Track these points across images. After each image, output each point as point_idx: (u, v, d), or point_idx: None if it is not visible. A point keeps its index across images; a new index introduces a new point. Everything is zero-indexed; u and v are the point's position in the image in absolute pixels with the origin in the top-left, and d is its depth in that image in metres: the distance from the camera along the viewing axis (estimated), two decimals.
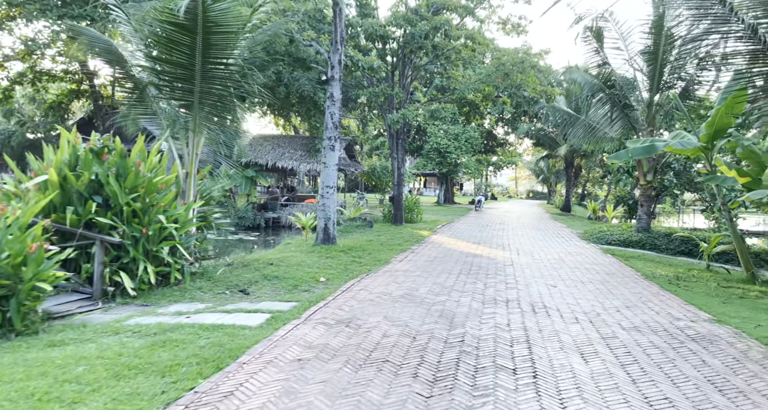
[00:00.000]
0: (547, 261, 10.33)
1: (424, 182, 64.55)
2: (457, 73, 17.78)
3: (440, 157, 32.03)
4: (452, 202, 37.96)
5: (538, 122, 34.45)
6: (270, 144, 23.90)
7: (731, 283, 8.83)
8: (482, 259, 10.33)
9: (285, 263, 9.21)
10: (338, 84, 11.45)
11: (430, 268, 9.00)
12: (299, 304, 6.21)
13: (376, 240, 13.01)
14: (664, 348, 4.69)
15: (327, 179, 11.59)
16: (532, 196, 67.59)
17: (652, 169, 14.10)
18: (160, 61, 7.18)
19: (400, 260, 10.00)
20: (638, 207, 14.78)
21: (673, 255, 12.87)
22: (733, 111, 8.68)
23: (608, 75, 13.98)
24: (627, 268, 9.71)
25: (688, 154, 9.49)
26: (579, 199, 43.21)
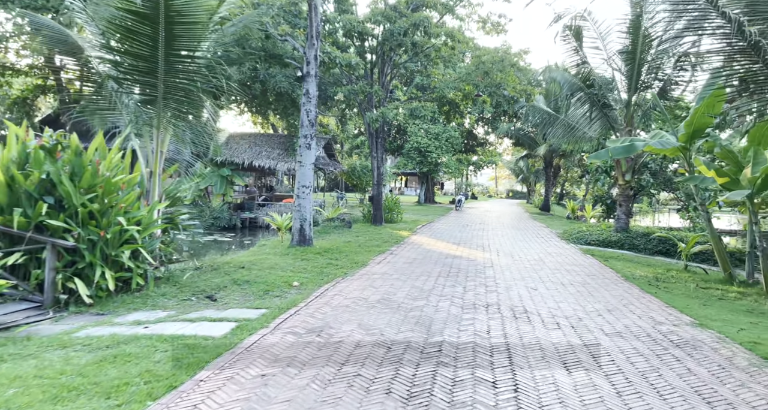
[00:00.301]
0: (527, 262, 10.17)
1: (405, 181, 64.45)
2: (437, 71, 17.58)
3: (421, 156, 31.87)
4: (433, 201, 37.87)
5: (517, 122, 34.60)
6: (247, 142, 23.33)
7: (710, 284, 8.80)
8: (462, 261, 10.12)
9: (257, 266, 8.82)
10: (314, 80, 11.09)
11: (408, 271, 8.73)
12: (269, 312, 5.86)
13: (355, 241, 12.70)
14: (648, 356, 4.50)
15: (303, 178, 11.22)
16: (511, 196, 68.16)
17: (631, 169, 14.13)
18: (120, 53, 6.72)
19: (378, 262, 9.71)
20: (617, 207, 14.80)
21: (651, 255, 12.90)
22: (711, 111, 8.65)
23: (587, 74, 13.94)
24: (607, 269, 9.61)
25: (667, 153, 9.44)
26: (558, 198, 43.65)
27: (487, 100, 17.17)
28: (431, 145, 31.35)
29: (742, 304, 7.15)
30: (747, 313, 6.54)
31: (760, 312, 6.69)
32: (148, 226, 6.95)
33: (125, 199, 6.73)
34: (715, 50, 6.72)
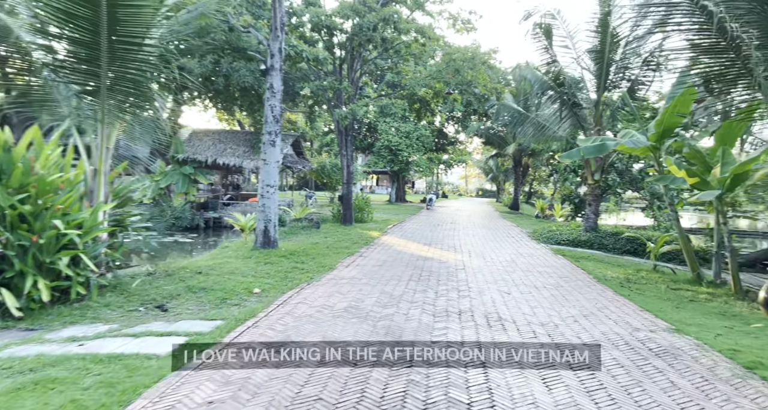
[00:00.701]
0: (499, 263, 9.95)
1: (377, 180, 64.06)
2: (407, 68, 17.25)
3: (391, 154, 31.54)
4: (404, 200, 37.64)
5: (487, 121, 34.75)
6: (211, 139, 22.42)
7: (679, 284, 8.78)
8: (433, 263, 9.81)
9: (216, 271, 8.25)
10: (279, 74, 10.55)
11: (378, 275, 8.35)
12: (224, 323, 5.36)
13: (323, 242, 12.22)
14: (628, 367, 4.26)
15: (267, 177, 10.67)
16: (481, 194, 68.81)
17: (600, 168, 14.17)
18: (56, 38, 6.05)
19: (347, 265, 9.28)
20: (586, 207, 14.85)
21: (620, 255, 12.95)
22: (680, 110, 8.62)
23: (558, 73, 13.90)
24: (579, 271, 9.49)
25: (638, 153, 9.39)
26: (526, 197, 44.18)
27: (457, 98, 16.97)
28: (402, 144, 31.07)
29: (713, 306, 7.09)
30: (720, 316, 6.46)
31: (732, 314, 6.63)
32: (90, 229, 6.31)
33: (63, 200, 6.07)
34: (686, 47, 6.61)
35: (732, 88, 6.54)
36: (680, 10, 6.14)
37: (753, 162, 7.66)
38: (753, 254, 13.40)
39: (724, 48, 5.98)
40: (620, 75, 13.74)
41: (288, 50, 12.57)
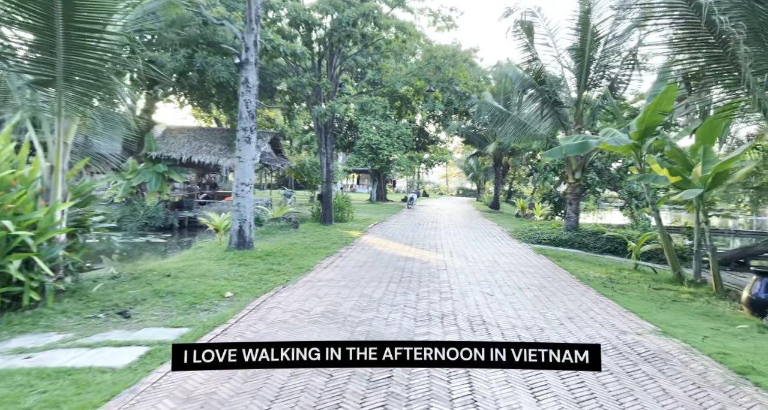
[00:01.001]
0: (481, 263, 9.77)
1: (357, 179, 63.68)
2: (388, 65, 16.97)
3: (372, 153, 31.23)
4: (385, 199, 37.39)
5: (468, 120, 34.77)
6: (186, 136, 21.75)
7: (661, 284, 8.73)
8: (415, 263, 9.56)
9: (187, 273, 7.83)
10: (254, 68, 10.14)
11: (357, 276, 8.05)
12: (191, 331, 5.00)
13: (301, 242, 11.85)
14: (618, 374, 4.07)
15: (242, 175, 10.26)
16: (462, 193, 69.10)
17: (580, 167, 14.15)
18: (4, 23, 5.57)
19: (325, 267, 8.95)
20: (566, 206, 14.82)
21: (600, 254, 12.94)
22: (662, 108, 8.55)
23: (539, 71, 13.80)
24: (561, 270, 9.37)
25: (620, 151, 9.31)
26: (506, 196, 44.43)
27: (438, 96, 16.78)
28: (383, 142, 30.78)
29: (696, 307, 7.01)
30: (704, 317, 6.37)
31: (716, 315, 6.55)
32: (45, 230, 5.85)
33: (15, 199, 5.61)
34: (669, 41, 6.49)
35: (716, 84, 6.45)
36: (666, 2, 6.01)
37: (734, 161, 7.63)
38: (728, 253, 13.55)
39: (711, 43, 5.88)
40: (600, 73, 13.73)
41: (264, 44, 12.16)
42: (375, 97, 15.43)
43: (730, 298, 7.76)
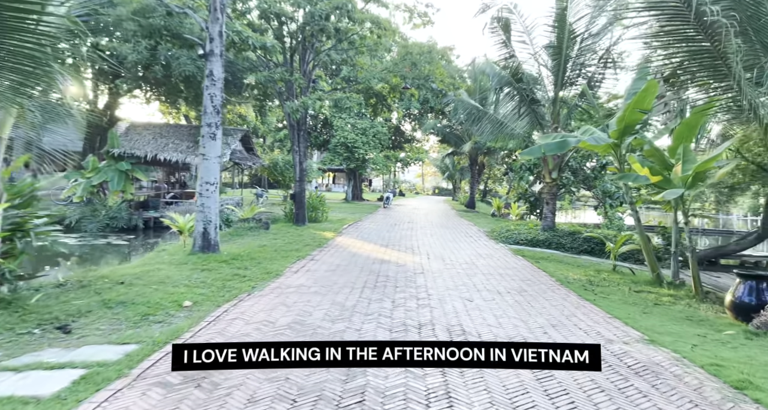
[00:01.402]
0: (459, 266, 9.43)
1: (333, 178, 62.99)
2: (362, 61, 16.51)
3: (348, 151, 30.71)
4: (361, 198, 36.92)
5: (444, 119, 34.62)
6: (151, 133, 20.77)
7: (640, 286, 8.56)
8: (390, 267, 9.15)
9: (143, 280, 7.21)
10: (219, 60, 9.54)
11: (330, 282, 7.58)
12: (138, 349, 4.45)
13: (271, 245, 11.29)
14: (609, 390, 3.75)
15: (207, 174, 9.65)
16: (437, 193, 69.18)
17: (557, 166, 14.00)
18: None
19: (296, 271, 8.45)
20: (543, 205, 14.68)
21: (577, 254, 12.81)
22: (641, 106, 8.38)
23: (516, 68, 13.58)
24: (540, 273, 9.11)
25: (599, 150, 9.12)
26: (481, 195, 44.57)
27: (415, 94, 16.43)
28: (358, 141, 30.30)
29: (679, 311, 6.82)
30: (688, 322, 6.16)
31: (700, 319, 6.36)
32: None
33: None
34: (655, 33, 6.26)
35: (702, 79, 6.24)
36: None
37: (714, 159, 7.50)
38: (701, 252, 13.63)
39: (697, 36, 5.67)
40: (577, 72, 13.61)
41: (231, 36, 11.53)
42: (349, 93, 14.94)
43: (710, 301, 7.63)
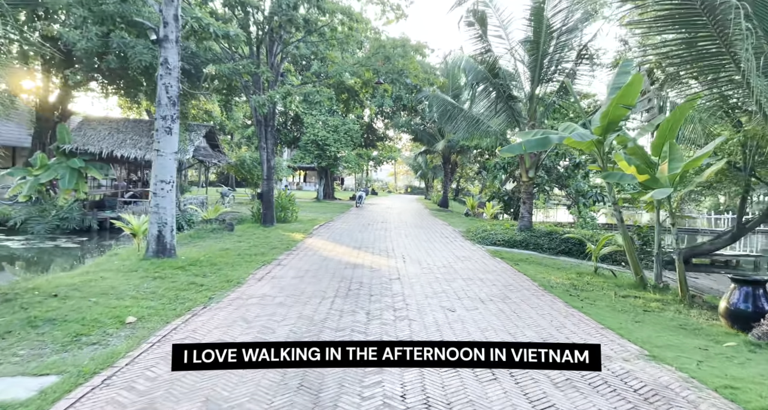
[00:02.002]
0: (437, 270, 8.88)
1: (305, 176, 61.82)
2: (333, 55, 15.77)
3: (319, 149, 29.89)
4: (333, 197, 36.12)
5: (417, 117, 34.19)
6: (107, 128, 19.42)
7: (625, 290, 8.21)
8: (364, 272, 8.51)
9: (82, 292, 6.34)
10: (175, 47, 8.67)
11: (297, 290, 6.88)
12: (59, 381, 3.67)
13: (234, 248, 10.48)
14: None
15: (162, 171, 8.78)
16: (410, 191, 68.93)
17: (534, 165, 13.67)
18: None
19: (260, 278, 7.70)
20: (521, 205, 14.34)
21: (556, 255, 12.49)
22: (625, 101, 8.02)
23: (493, 63, 13.14)
24: (521, 276, 8.65)
25: (582, 147, 8.74)
26: (454, 194, 44.44)
27: (388, 89, 15.81)
28: (330, 138, 29.52)
29: (670, 318, 6.44)
30: (684, 332, 5.77)
31: (694, 328, 5.98)
32: None
33: None
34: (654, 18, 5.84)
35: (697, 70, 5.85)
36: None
37: (704, 157, 7.19)
38: (685, 249, 13.54)
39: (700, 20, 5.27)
40: (553, 68, 13.29)
41: (190, 22, 10.63)
42: (320, 87, 14.20)
43: (698, 306, 7.32)
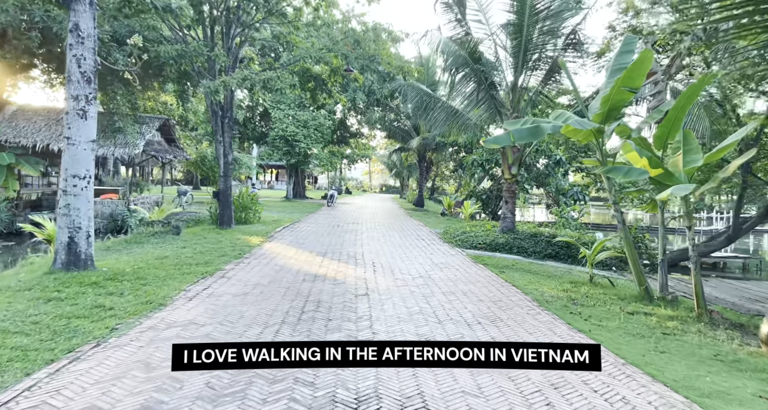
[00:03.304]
0: (412, 281, 7.53)
1: (276, 175, 59.79)
2: (297, 38, 14.25)
3: (287, 145, 28.23)
4: (304, 196, 34.42)
5: (391, 112, 32.87)
6: (44, 119, 17.37)
7: (629, 303, 7.04)
8: (325, 285, 7.08)
9: None
10: (89, 10, 7.04)
11: (235, 314, 5.41)
12: None
13: (174, 256, 8.89)
14: None
15: (74, 165, 7.14)
16: (385, 190, 67.63)
17: (518, 161, 12.49)
18: None
19: (192, 297, 6.18)
20: (503, 205, 13.14)
21: (542, 260, 11.34)
22: (631, 84, 6.85)
23: (474, 46, 11.86)
24: (510, 288, 7.39)
25: (579, 138, 7.53)
26: (429, 193, 43.33)
27: (359, 78, 14.38)
28: (299, 134, 27.91)
29: (698, 344, 5.24)
30: (723, 365, 4.57)
31: (733, 360, 4.77)
32: None
33: None
34: None
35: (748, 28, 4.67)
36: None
37: (729, 148, 6.06)
38: (669, 254, 12.63)
39: None
40: (538, 54, 12.10)
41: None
42: (281, 73, 12.67)
43: (720, 324, 6.19)
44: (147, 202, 18.91)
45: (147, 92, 20.31)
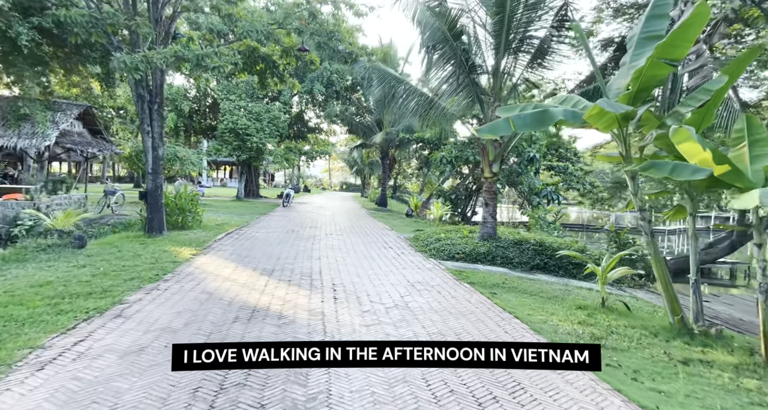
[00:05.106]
0: (385, 315, 5.61)
1: (230, 172, 56.38)
2: (241, 11, 11.98)
3: (238, 139, 25.63)
4: (257, 195, 31.79)
5: (351, 106, 30.84)
6: None
7: (669, 341, 5.42)
8: (265, 328, 5.04)
9: None
10: None
11: (106, 399, 3.30)
12: None
13: (61, 280, 6.57)
14: None
15: None
16: (345, 188, 65.46)
17: (500, 157, 10.82)
18: None
19: (45, 363, 3.99)
20: (483, 207, 11.45)
21: (530, 272, 9.73)
22: (670, 55, 5.20)
23: (455, 18, 10.04)
24: (511, 321, 5.59)
25: (598, 125, 5.82)
26: (392, 191, 41.63)
27: (315, 59, 12.30)
28: (251, 127, 25.39)
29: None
30: None
31: None
32: None
33: None
34: None
35: None
36: None
37: None
38: (671, 261, 11.32)
39: None
40: (521, 33, 10.45)
41: None
42: (221, 48, 10.42)
43: None
44: (66, 203, 16.03)
45: (71, 76, 17.29)
